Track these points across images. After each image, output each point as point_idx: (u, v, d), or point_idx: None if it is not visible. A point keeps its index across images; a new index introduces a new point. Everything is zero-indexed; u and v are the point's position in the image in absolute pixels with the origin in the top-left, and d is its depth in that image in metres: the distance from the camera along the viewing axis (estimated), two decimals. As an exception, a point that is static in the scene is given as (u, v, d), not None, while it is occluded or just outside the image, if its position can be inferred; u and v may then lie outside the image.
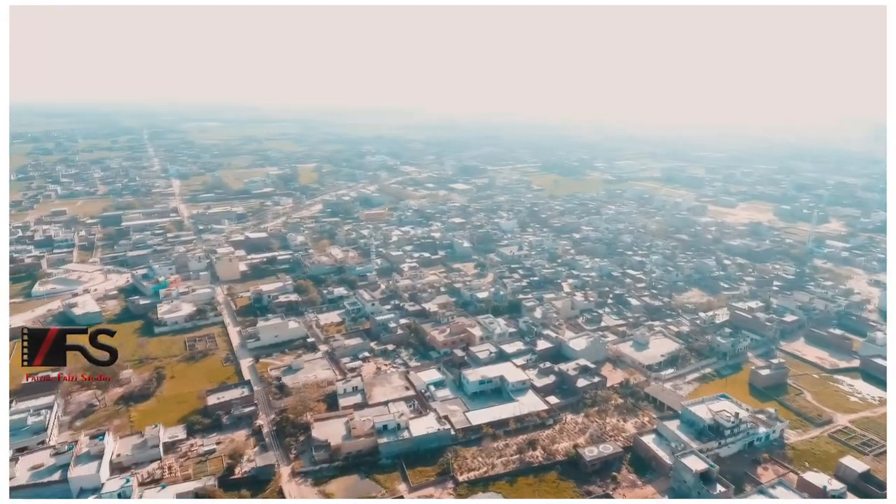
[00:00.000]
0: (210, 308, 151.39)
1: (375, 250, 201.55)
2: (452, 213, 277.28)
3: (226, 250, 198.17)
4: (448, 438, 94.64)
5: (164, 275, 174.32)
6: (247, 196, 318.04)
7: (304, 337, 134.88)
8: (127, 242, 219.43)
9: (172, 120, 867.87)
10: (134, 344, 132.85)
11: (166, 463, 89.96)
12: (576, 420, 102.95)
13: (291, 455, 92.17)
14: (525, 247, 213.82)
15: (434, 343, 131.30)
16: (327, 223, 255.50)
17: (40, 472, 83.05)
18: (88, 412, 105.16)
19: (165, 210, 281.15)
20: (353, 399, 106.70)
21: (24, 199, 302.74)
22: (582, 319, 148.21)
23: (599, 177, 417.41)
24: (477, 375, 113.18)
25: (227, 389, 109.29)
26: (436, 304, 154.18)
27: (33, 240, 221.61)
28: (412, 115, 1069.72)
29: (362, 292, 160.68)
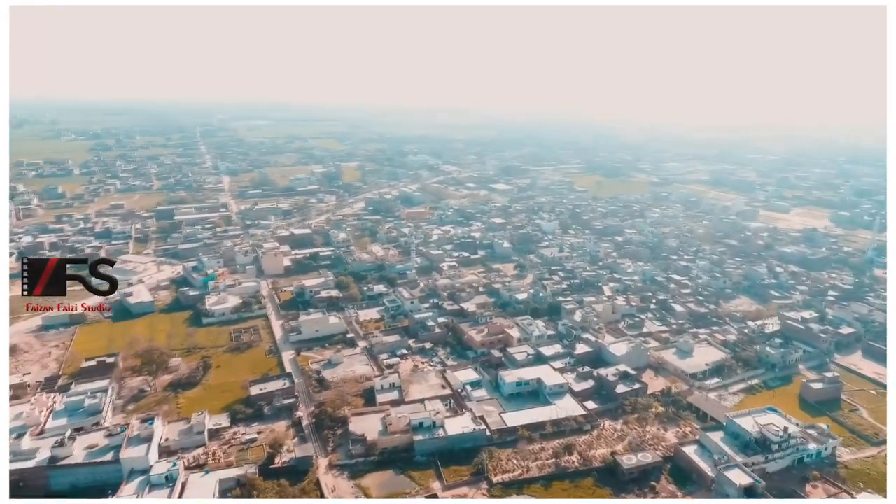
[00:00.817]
0: (255, 301, 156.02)
1: (415, 249, 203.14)
2: (493, 213, 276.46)
3: (271, 245, 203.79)
4: (483, 439, 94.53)
5: (213, 267, 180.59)
6: (292, 193, 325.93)
7: (343, 332, 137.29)
8: (179, 236, 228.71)
9: (223, 118, 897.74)
10: (183, 333, 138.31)
11: (210, 449, 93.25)
12: (614, 427, 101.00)
13: (329, 447, 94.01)
14: (566, 249, 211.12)
15: (471, 343, 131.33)
16: (369, 221, 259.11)
17: (94, 451, 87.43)
18: (140, 397, 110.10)
19: (215, 205, 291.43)
20: (390, 395, 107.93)
21: (86, 193, 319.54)
22: (623, 324, 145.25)
23: (644, 179, 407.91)
24: (514, 377, 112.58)
25: (269, 381, 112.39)
26: (474, 303, 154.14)
27: (93, 231, 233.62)
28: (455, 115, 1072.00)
29: (401, 290, 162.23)
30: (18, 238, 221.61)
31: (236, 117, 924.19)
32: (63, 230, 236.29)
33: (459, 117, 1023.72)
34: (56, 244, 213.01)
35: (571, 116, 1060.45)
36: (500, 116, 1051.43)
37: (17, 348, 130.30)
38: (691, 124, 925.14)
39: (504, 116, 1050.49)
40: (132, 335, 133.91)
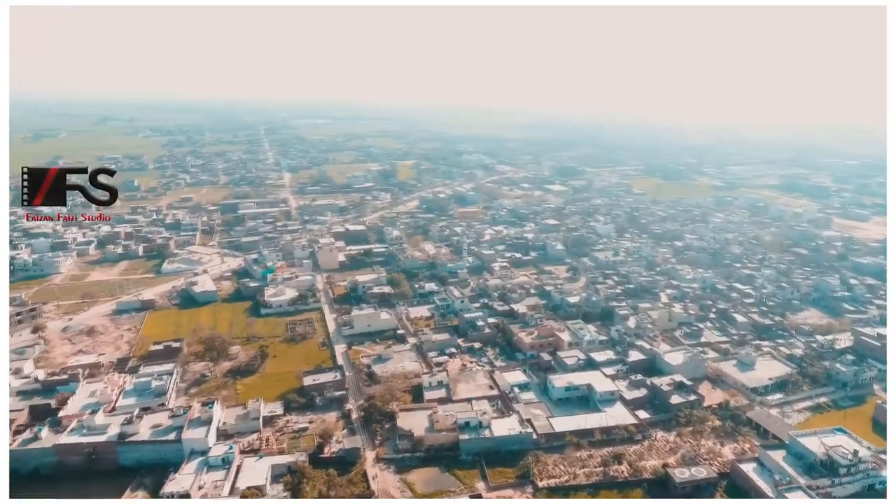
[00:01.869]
0: (310, 294, 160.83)
1: (467, 248, 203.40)
2: (547, 214, 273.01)
3: (327, 241, 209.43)
4: (530, 442, 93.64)
5: (273, 260, 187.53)
6: (349, 190, 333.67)
7: (394, 328, 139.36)
8: (242, 229, 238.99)
9: (286, 117, 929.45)
10: (243, 323, 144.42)
11: (264, 435, 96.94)
12: (667, 438, 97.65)
13: (377, 441, 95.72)
14: (621, 252, 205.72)
15: (521, 344, 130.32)
16: (422, 219, 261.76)
17: (159, 430, 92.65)
18: (201, 381, 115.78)
19: (276, 200, 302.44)
20: (437, 393, 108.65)
21: (159, 186, 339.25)
22: (680, 333, 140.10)
23: (708, 182, 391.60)
24: (563, 381, 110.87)
25: (321, 372, 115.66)
26: (525, 305, 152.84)
27: (164, 223, 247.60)
28: (511, 115, 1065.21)
29: (452, 289, 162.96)
30: (96, 227, 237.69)
31: (298, 116, 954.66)
32: (137, 221, 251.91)
33: (515, 117, 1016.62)
34: (131, 234, 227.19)
35: (631, 117, 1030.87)
36: (556, 116, 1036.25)
37: (94, 330, 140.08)
38: (763, 125, 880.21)
39: (561, 116, 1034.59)
40: (196, 322, 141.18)
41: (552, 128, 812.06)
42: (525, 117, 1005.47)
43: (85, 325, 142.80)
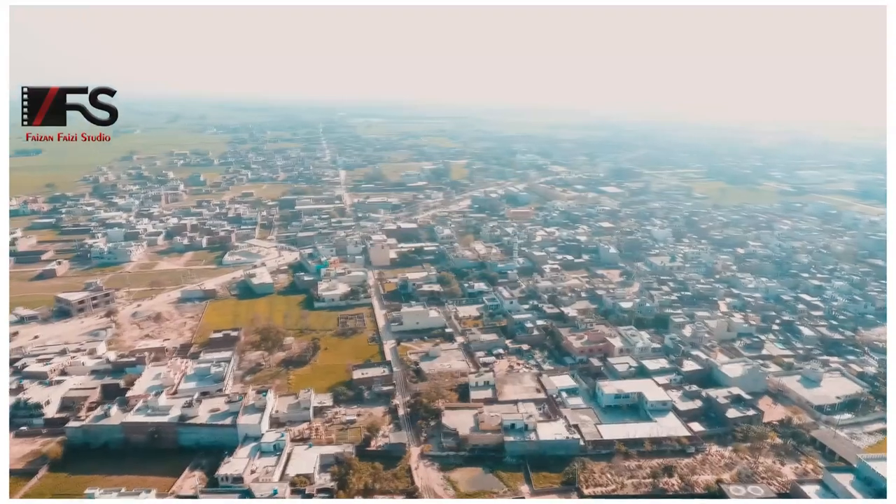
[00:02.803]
0: (362, 290, 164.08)
1: (518, 249, 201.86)
2: (601, 216, 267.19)
3: (379, 238, 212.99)
4: (576, 448, 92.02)
5: (326, 256, 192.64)
6: (402, 188, 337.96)
7: (442, 326, 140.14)
8: (298, 224, 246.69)
9: (343, 115, 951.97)
10: (297, 315, 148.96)
11: (314, 425, 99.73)
12: (722, 453, 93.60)
13: (422, 437, 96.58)
14: (679, 258, 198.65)
15: (570, 349, 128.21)
16: (473, 218, 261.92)
17: (216, 415, 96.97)
18: (256, 370, 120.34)
19: (331, 197, 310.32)
20: (483, 393, 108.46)
21: (223, 181, 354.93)
22: (739, 344, 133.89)
23: (775, 187, 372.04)
24: (613, 388, 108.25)
25: (370, 367, 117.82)
26: (575, 308, 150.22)
27: (227, 216, 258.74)
28: (568, 115, 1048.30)
29: (502, 289, 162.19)
30: (166, 219, 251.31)
31: (356, 114, 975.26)
32: (202, 214, 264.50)
33: (572, 117, 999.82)
34: (196, 226, 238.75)
35: (694, 118, 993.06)
36: (614, 117, 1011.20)
37: (160, 316, 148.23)
38: (841, 126, 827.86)
39: (618, 117, 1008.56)
40: (253, 313, 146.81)
41: (609, 128, 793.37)
42: (581, 117, 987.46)
43: (152, 311, 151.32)
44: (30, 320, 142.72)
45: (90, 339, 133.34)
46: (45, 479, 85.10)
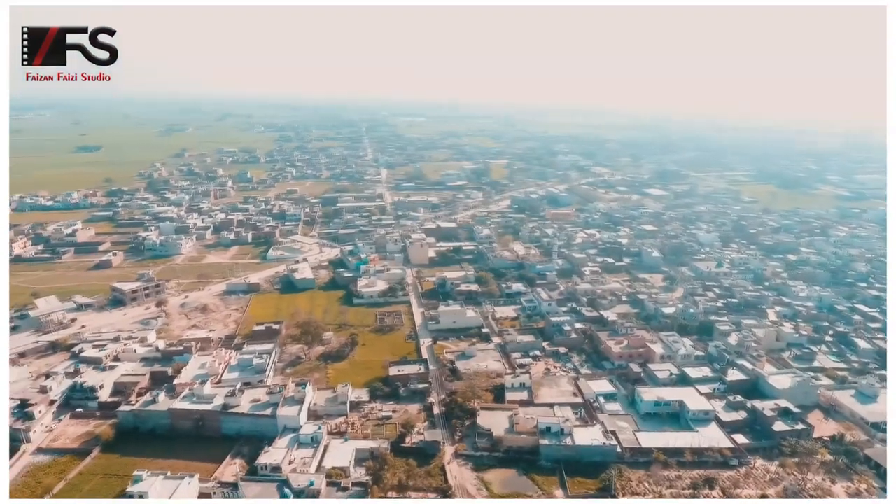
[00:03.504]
0: (400, 287, 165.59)
1: (558, 250, 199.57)
2: (644, 219, 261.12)
3: (418, 236, 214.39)
4: (613, 455, 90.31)
5: (366, 253, 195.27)
6: (442, 187, 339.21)
7: (479, 326, 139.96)
8: (340, 221, 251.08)
9: (386, 115, 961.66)
10: (336, 311, 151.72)
11: (350, 419, 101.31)
12: (767, 468, 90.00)
13: (456, 436, 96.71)
14: (725, 264, 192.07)
15: (609, 353, 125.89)
16: (513, 219, 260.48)
17: (257, 405, 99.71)
18: (296, 363, 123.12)
19: (372, 195, 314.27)
20: (519, 395, 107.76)
21: (269, 178, 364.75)
22: (789, 354, 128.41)
23: (831, 192, 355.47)
24: (653, 395, 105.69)
25: (406, 364, 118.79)
26: (615, 312, 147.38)
27: (272, 213, 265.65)
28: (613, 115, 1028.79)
29: (540, 291, 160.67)
30: (214, 214, 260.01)
31: (398, 113, 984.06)
32: (248, 210, 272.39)
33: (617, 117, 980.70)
34: (242, 221, 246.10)
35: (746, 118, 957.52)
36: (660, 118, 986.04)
37: (207, 308, 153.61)
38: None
39: (665, 118, 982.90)
40: (295, 307, 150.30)
41: (655, 129, 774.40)
42: (626, 118, 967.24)
43: (199, 302, 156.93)
44: (87, 308, 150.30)
45: (141, 327, 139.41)
46: (98, 459, 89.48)
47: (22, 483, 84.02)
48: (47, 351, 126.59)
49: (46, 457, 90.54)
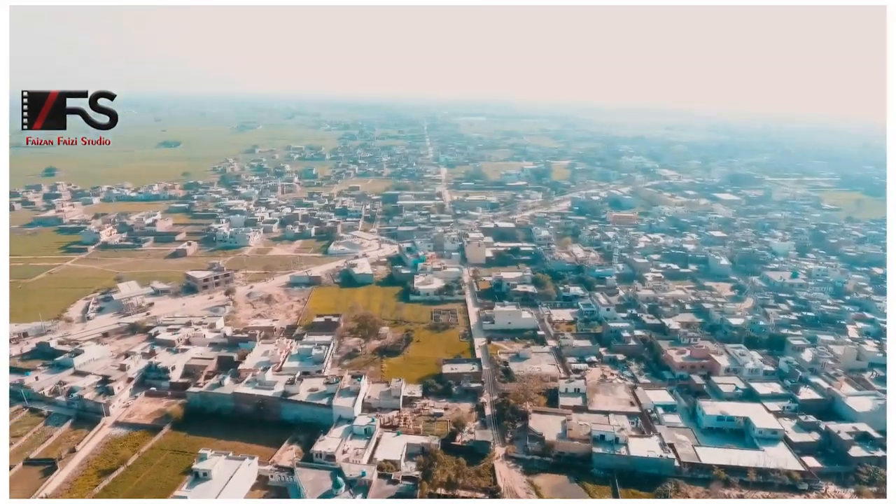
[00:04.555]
0: (456, 286, 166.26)
1: (618, 254, 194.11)
2: (713, 225, 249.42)
3: (476, 235, 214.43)
4: (670, 468, 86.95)
5: (424, 250, 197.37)
6: (501, 187, 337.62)
7: (534, 328, 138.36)
8: (399, 219, 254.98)
9: (447, 114, 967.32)
10: (393, 306, 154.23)
11: (403, 414, 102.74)
12: (841, 494, 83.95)
13: (507, 438, 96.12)
14: (801, 274, 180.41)
15: (669, 363, 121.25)
16: (573, 221, 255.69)
17: (314, 394, 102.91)
18: (353, 356, 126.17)
19: (432, 193, 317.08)
20: (573, 400, 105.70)
21: (333, 175, 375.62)
22: (871, 375, 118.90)
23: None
24: (716, 409, 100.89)
25: (460, 362, 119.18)
26: (678, 321, 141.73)
27: (334, 208, 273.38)
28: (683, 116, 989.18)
29: (598, 295, 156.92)
30: (280, 208, 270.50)
31: (459, 113, 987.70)
32: (312, 205, 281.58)
33: (687, 118, 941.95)
34: (307, 216, 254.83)
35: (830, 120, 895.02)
36: (735, 118, 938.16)
37: (271, 298, 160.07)
38: None
39: (739, 119, 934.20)
40: (353, 301, 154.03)
41: (728, 131, 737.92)
42: (698, 120, 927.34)
43: (264, 292, 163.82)
44: (163, 293, 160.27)
45: (211, 314, 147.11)
46: (168, 435, 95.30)
47: (101, 453, 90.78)
48: (127, 332, 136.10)
49: (123, 430, 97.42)
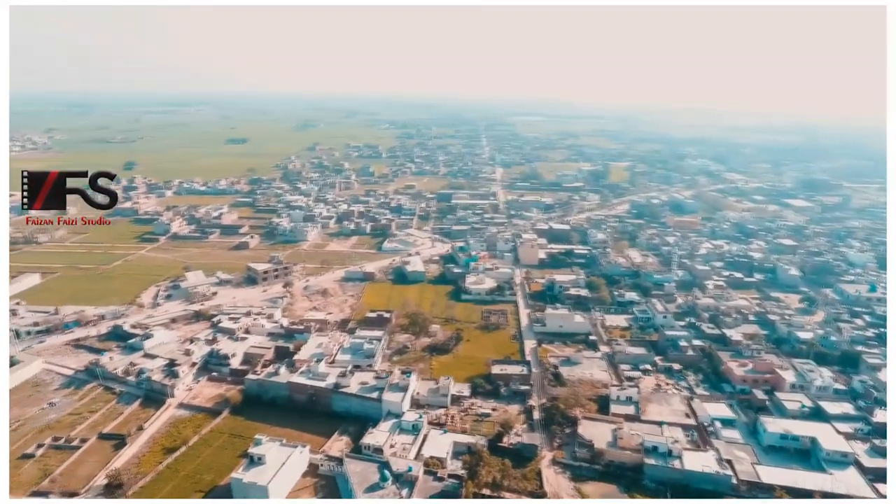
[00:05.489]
0: (507, 287, 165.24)
1: (678, 260, 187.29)
2: (782, 232, 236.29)
3: (529, 236, 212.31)
4: (727, 486, 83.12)
5: (477, 250, 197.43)
6: (557, 188, 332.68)
7: (586, 333, 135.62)
8: (453, 218, 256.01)
9: (504, 114, 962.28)
10: (444, 305, 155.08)
11: (450, 412, 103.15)
12: (919, 527, 77.69)
13: (555, 443, 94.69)
14: (880, 288, 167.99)
15: (730, 375, 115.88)
16: (630, 224, 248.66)
17: (365, 388, 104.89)
18: (403, 352, 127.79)
19: (486, 193, 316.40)
20: (625, 408, 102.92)
21: (390, 173, 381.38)
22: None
23: None
24: (779, 427, 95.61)
25: (509, 364, 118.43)
26: (740, 332, 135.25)
27: (389, 206, 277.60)
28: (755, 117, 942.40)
29: (655, 302, 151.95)
30: (338, 205, 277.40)
31: (516, 113, 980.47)
32: (369, 202, 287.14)
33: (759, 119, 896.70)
34: (362, 213, 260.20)
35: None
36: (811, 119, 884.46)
37: (326, 292, 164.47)
38: None
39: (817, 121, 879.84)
40: (405, 298, 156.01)
41: (803, 133, 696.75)
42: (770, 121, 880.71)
43: (320, 286, 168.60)
44: (226, 283, 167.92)
45: (269, 305, 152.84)
46: (226, 419, 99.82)
47: (166, 432, 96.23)
48: (192, 319, 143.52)
49: (186, 412, 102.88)
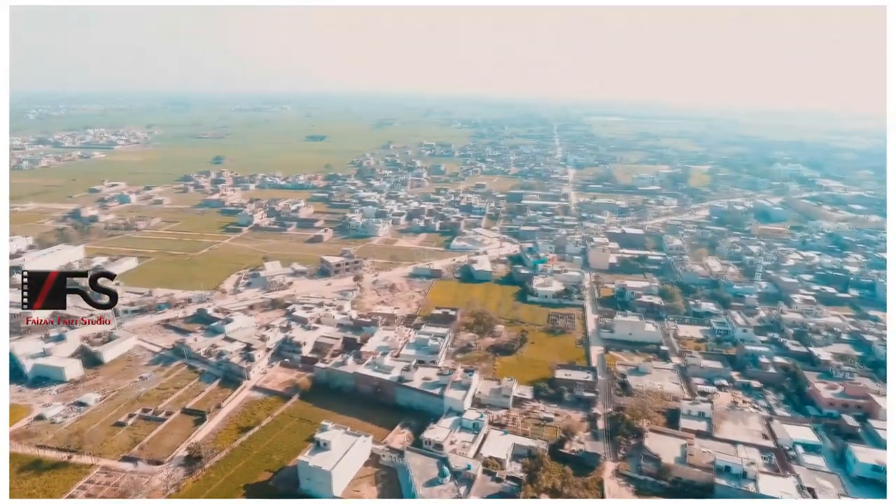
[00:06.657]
0: (576, 290, 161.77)
1: (762, 271, 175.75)
2: (883, 245, 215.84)
3: (601, 240, 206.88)
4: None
5: (545, 252, 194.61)
6: (632, 191, 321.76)
7: (657, 343, 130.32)
8: (522, 218, 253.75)
9: (579, 114, 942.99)
10: (510, 305, 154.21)
11: (512, 414, 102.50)
12: None
13: (619, 454, 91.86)
14: None
15: (816, 397, 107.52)
16: (710, 231, 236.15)
17: (428, 383, 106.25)
18: (467, 350, 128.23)
19: (557, 195, 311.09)
20: (696, 424, 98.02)
21: (460, 172, 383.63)
22: None
23: None
24: (871, 457, 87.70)
25: (574, 369, 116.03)
26: (830, 351, 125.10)
27: (459, 205, 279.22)
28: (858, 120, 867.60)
29: (735, 314, 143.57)
30: (409, 202, 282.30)
31: (592, 113, 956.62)
32: (439, 200, 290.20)
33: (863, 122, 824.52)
34: (432, 211, 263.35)
35: None
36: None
37: (394, 287, 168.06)
38: None
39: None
40: (471, 297, 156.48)
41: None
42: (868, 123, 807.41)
43: (388, 281, 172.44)
44: (300, 274, 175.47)
45: (340, 297, 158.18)
46: (296, 404, 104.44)
47: (241, 412, 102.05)
48: (269, 307, 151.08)
49: (259, 394, 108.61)
